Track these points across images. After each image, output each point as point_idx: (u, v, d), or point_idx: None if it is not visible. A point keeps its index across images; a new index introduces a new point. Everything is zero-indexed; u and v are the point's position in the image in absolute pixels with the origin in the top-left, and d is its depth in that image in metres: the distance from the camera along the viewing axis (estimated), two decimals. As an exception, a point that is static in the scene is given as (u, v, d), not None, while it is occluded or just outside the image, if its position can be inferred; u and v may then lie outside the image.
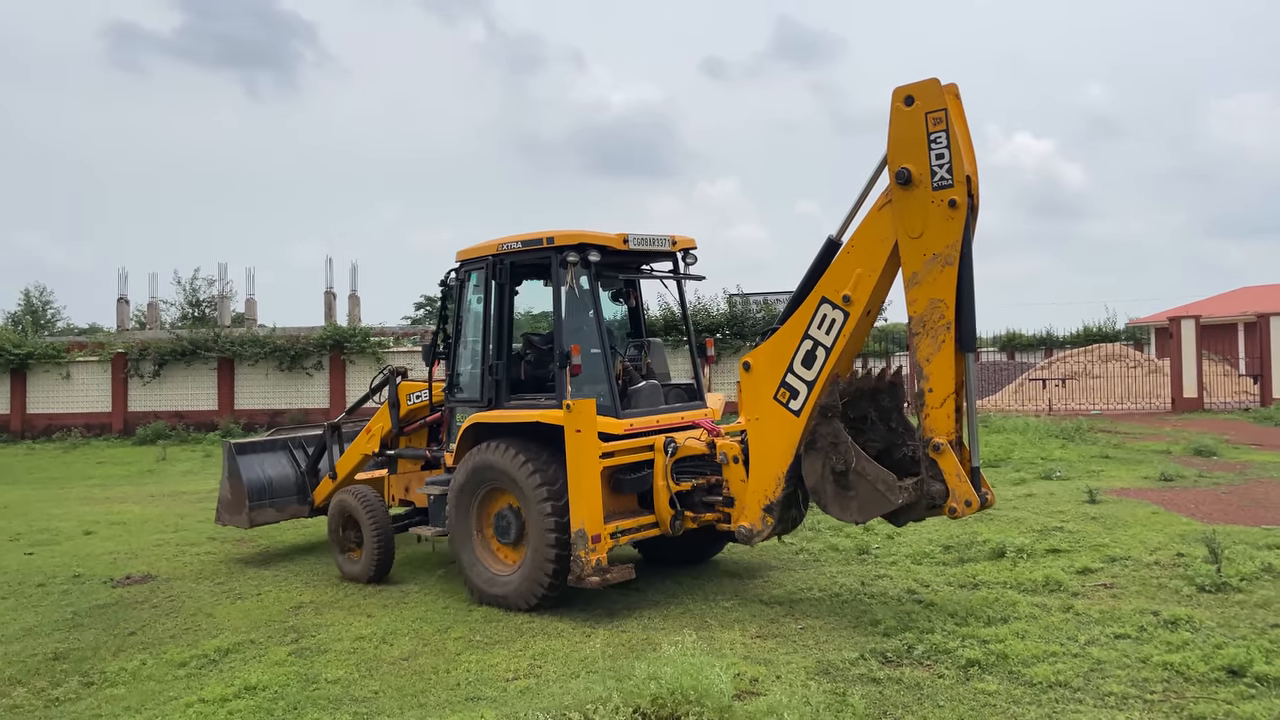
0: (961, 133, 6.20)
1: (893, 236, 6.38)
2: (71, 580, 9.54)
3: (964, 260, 6.16)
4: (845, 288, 6.57)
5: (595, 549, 6.96)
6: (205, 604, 8.37)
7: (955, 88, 6.29)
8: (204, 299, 47.88)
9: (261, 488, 10.20)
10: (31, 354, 26.57)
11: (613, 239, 7.82)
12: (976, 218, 6.33)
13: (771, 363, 6.97)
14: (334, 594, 8.42)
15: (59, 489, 17.81)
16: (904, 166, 6.25)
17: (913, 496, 6.33)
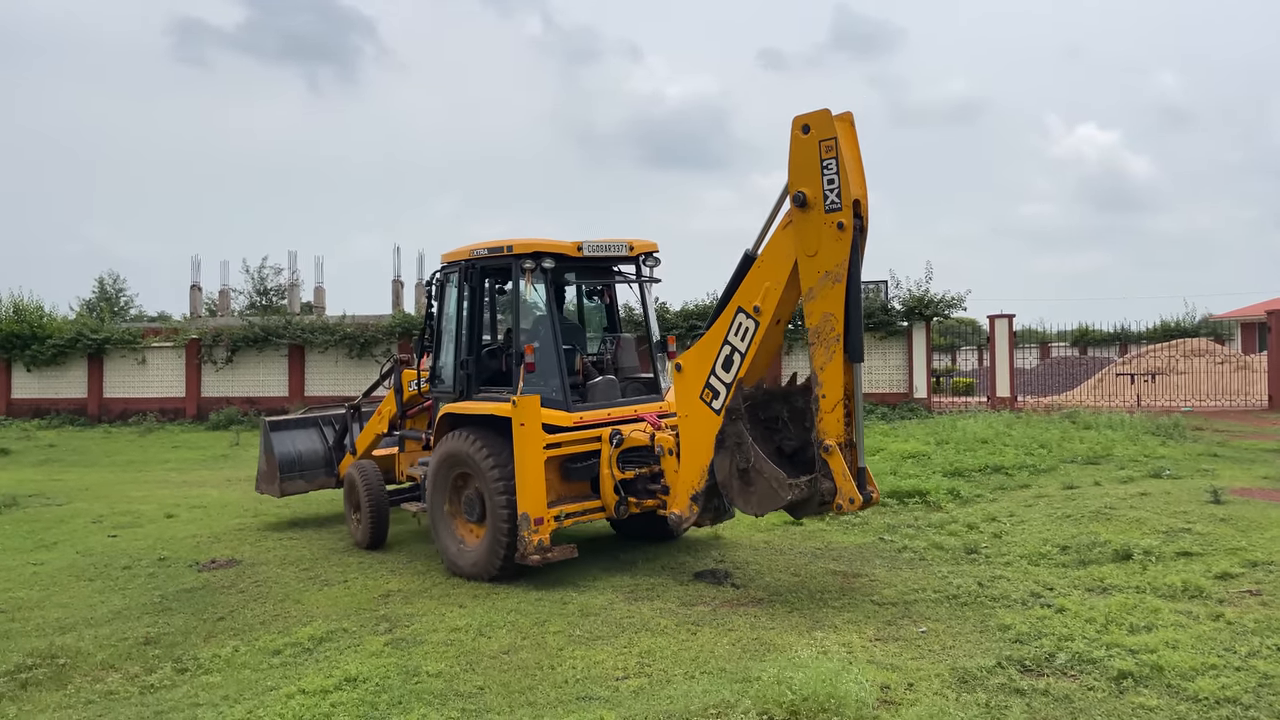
0: (851, 159, 6.64)
1: (794, 254, 6.87)
2: (157, 563, 9.49)
3: (852, 277, 6.63)
4: (756, 299, 7.13)
5: (538, 530, 7.68)
6: (293, 590, 8.22)
7: (850, 116, 6.73)
8: (271, 287, 48.49)
9: (292, 461, 11.16)
10: (109, 340, 27.02)
11: (567, 246, 8.53)
12: (865, 238, 6.73)
13: (698, 365, 7.48)
14: (421, 583, 8.21)
15: (137, 472, 18.00)
16: (800, 190, 6.77)
17: (805, 493, 6.79)
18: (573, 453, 8.23)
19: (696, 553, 8.73)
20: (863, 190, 6.69)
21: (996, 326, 21.74)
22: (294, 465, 11.19)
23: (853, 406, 6.80)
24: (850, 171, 6.60)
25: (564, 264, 8.66)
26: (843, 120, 6.70)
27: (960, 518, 9.53)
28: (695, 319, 22.96)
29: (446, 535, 8.59)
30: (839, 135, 6.60)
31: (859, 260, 6.67)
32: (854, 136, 6.74)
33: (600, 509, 8.28)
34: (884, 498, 10.49)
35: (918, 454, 13.94)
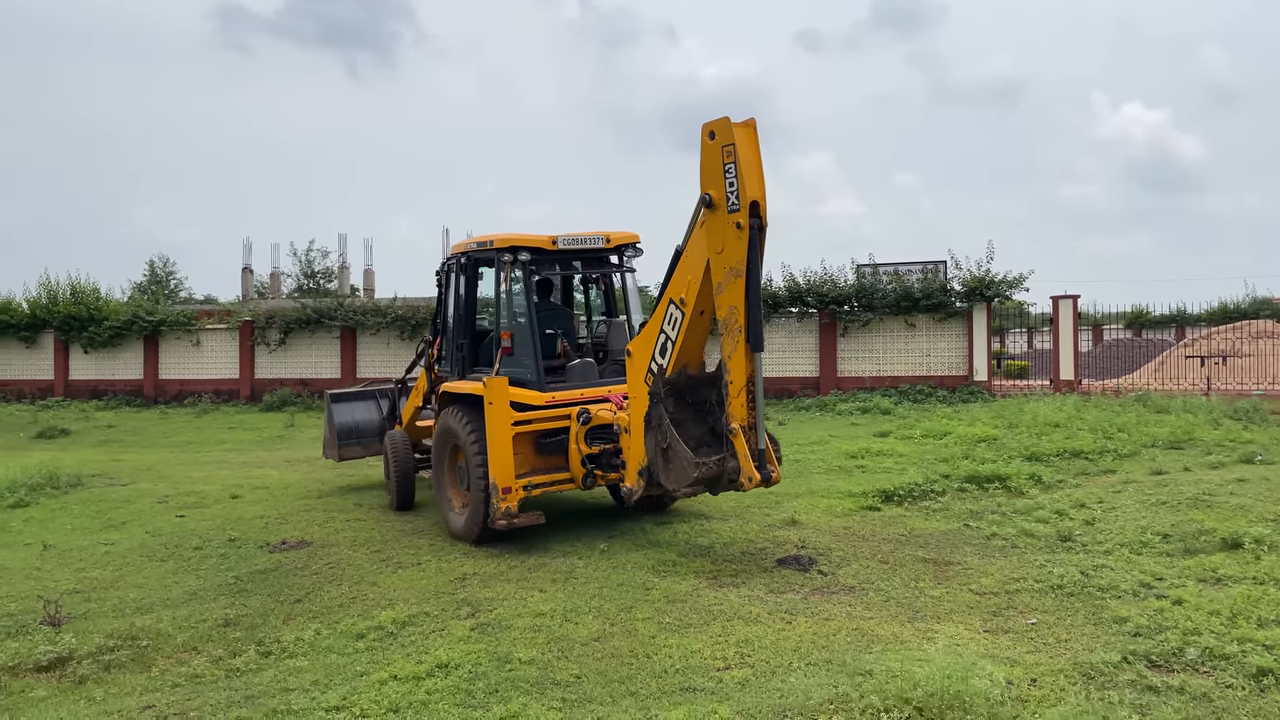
0: (749, 163, 7.01)
1: (707, 252, 7.32)
2: (227, 544, 9.44)
3: (751, 273, 7.04)
4: (682, 292, 7.66)
5: (505, 498, 8.44)
6: (367, 572, 8.12)
7: (752, 122, 7.16)
8: (318, 270, 48.85)
9: (350, 429, 12.23)
10: (164, 322, 27.30)
11: (543, 240, 9.27)
12: (764, 237, 7.11)
13: (643, 351, 8.03)
14: (495, 566, 8.07)
15: (195, 452, 18.12)
16: (707, 192, 7.21)
17: (714, 471, 7.27)
18: (545, 429, 8.97)
19: (775, 539, 8.51)
20: (760, 192, 7.05)
21: (1060, 308, 21.19)
22: (352, 433, 12.22)
23: (754, 392, 7.24)
24: (747, 175, 6.98)
25: (541, 256, 9.39)
26: (744, 127, 7.12)
27: (1046, 504, 9.20)
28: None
29: (444, 501, 9.58)
30: (737, 141, 7.01)
31: (757, 257, 7.09)
32: (754, 142, 7.12)
33: (570, 480, 8.96)
34: (962, 483, 10.20)
35: (987, 438, 13.60)
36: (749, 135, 7.12)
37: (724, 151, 7.09)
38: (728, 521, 9.27)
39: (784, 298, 22.42)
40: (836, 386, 21.98)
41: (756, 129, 7.16)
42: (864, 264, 22.71)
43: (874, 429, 16.46)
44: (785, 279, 22.52)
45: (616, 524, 9.37)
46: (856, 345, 22.26)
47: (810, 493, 10.52)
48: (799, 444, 14.73)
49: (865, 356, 22.16)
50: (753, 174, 7.04)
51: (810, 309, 22.37)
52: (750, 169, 7.03)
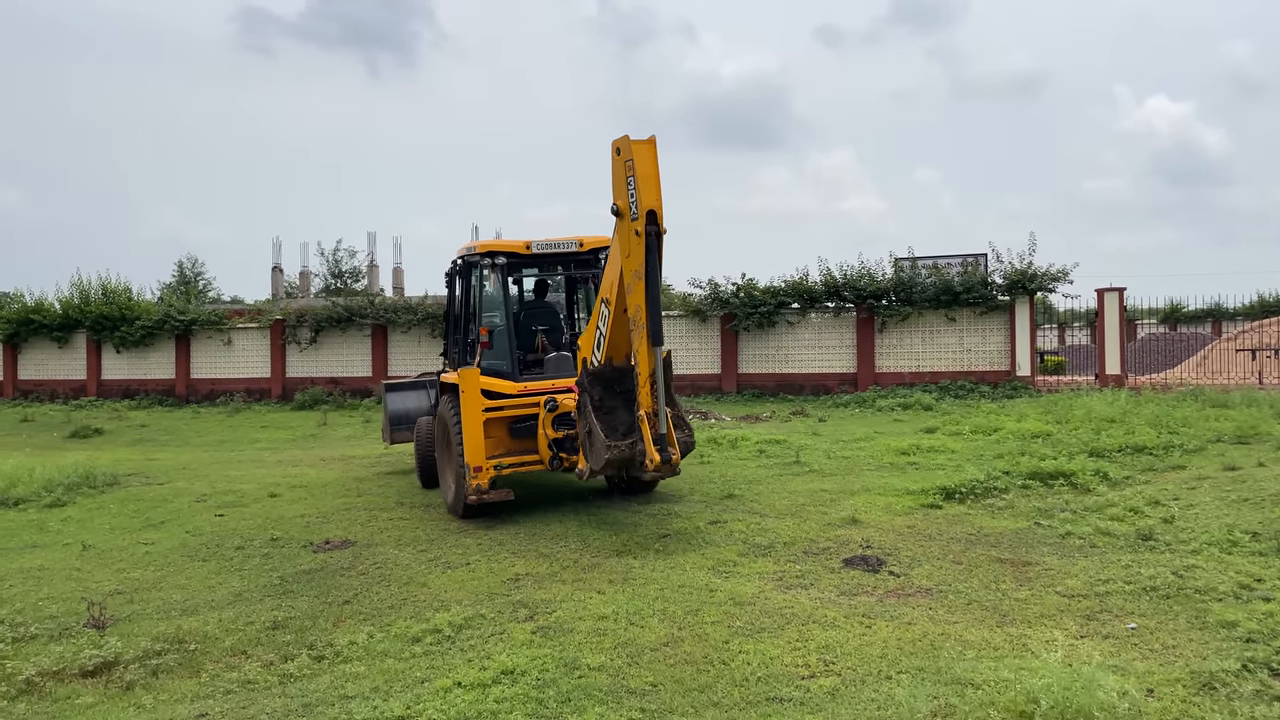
0: (645, 175, 7.72)
1: (620, 257, 8.03)
2: (270, 543, 9.23)
3: (650, 276, 7.77)
4: (607, 292, 8.43)
5: (476, 476, 9.26)
6: (416, 572, 7.87)
7: (652, 139, 7.89)
8: (345, 270, 48.87)
9: (400, 415, 13.10)
10: (195, 321, 27.26)
11: (518, 245, 10.24)
12: (661, 243, 7.83)
13: (586, 346, 8.90)
14: (548, 566, 7.80)
15: (229, 451, 18.00)
16: (615, 203, 8.02)
17: (625, 454, 8.03)
18: (518, 415, 9.83)
19: (837, 538, 8.18)
20: (656, 202, 7.74)
21: (1106, 300, 20.68)
22: (402, 419, 13.05)
23: (656, 382, 7.93)
24: (643, 186, 7.70)
25: (517, 261, 10.40)
26: (643, 144, 7.85)
27: (1118, 501, 8.82)
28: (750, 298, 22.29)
29: (443, 479, 10.55)
30: (635, 156, 7.74)
31: (655, 261, 7.79)
32: (652, 156, 7.83)
33: (539, 462, 9.77)
34: (1025, 479, 9.83)
35: (1041, 434, 13.20)
36: (647, 150, 7.86)
37: (626, 166, 7.81)
38: (784, 520, 8.95)
39: (820, 292, 22.04)
40: (875, 383, 21.58)
41: (655, 145, 7.91)
42: (902, 257, 22.30)
43: (919, 425, 16.08)
44: (822, 273, 22.15)
45: (668, 523, 9.08)
46: (895, 340, 21.84)
47: (865, 490, 10.18)
48: (843, 440, 14.38)
49: (904, 352, 21.75)
50: (648, 185, 7.75)
51: (847, 304, 21.97)
52: (647, 181, 7.75)
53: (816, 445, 13.75)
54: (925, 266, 21.87)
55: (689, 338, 23.48)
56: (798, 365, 22.57)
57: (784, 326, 22.55)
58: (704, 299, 22.86)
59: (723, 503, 9.90)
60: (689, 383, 22.85)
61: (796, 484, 10.79)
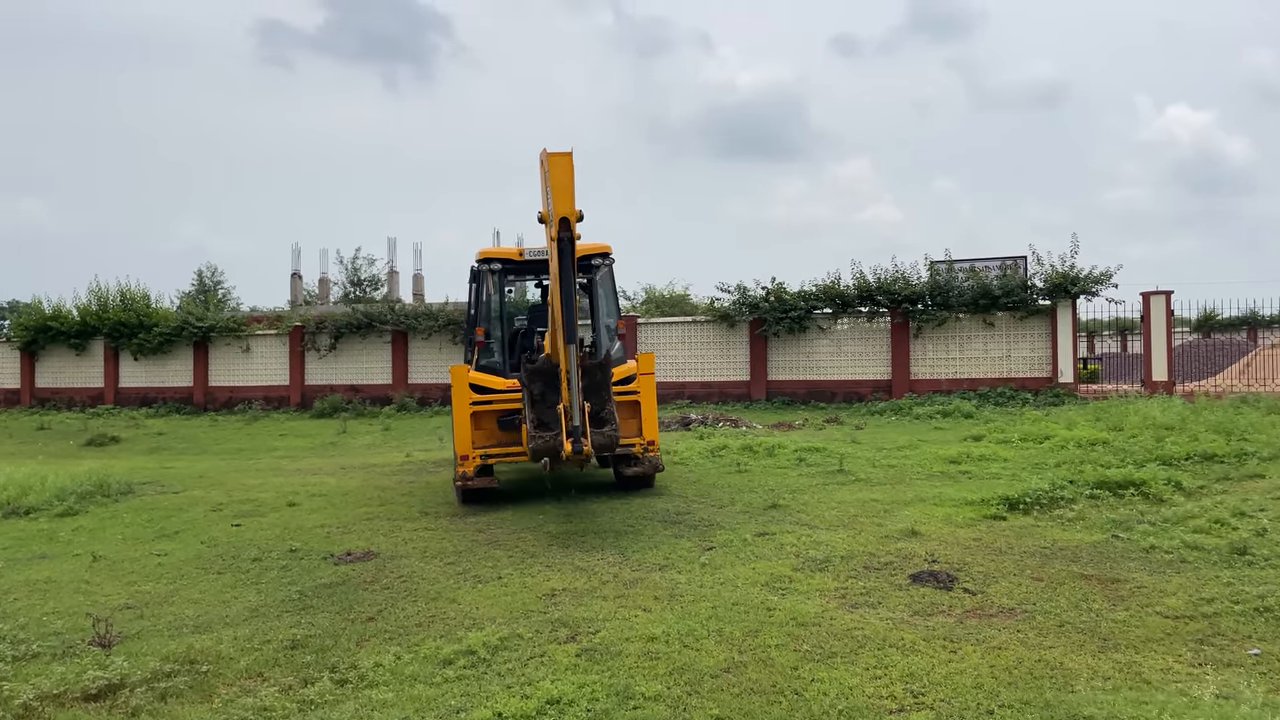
0: (559, 186, 8.16)
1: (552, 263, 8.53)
2: (288, 555, 8.71)
3: (563, 279, 8.28)
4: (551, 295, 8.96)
5: (463, 464, 9.98)
6: (444, 587, 7.31)
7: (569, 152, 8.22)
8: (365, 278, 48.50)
9: None
10: (213, 328, 26.93)
11: (513, 252, 11.28)
12: (574, 248, 8.29)
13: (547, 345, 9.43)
14: (586, 581, 7.22)
15: (247, 460, 17.56)
16: (540, 211, 8.69)
17: (550, 444, 8.67)
18: (506, 409, 10.36)
19: (898, 551, 7.57)
20: (569, 210, 8.17)
21: (1152, 304, 19.95)
22: None
23: (571, 378, 8.43)
24: (557, 195, 8.16)
25: (511, 266, 11.25)
26: (559, 155, 8.23)
27: (1197, 512, 8.17)
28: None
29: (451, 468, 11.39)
30: (551, 167, 8.24)
31: (567, 265, 8.27)
32: (567, 167, 8.19)
33: (523, 453, 9.99)
34: (1092, 489, 9.20)
35: (1097, 441, 12.55)
36: (562, 162, 8.23)
37: (546, 178, 8.37)
38: (836, 532, 8.35)
39: (853, 296, 21.44)
40: (910, 390, 20.93)
41: (572, 157, 8.26)
42: (938, 260, 21.64)
43: (962, 433, 15.43)
44: (854, 276, 21.54)
45: (711, 535, 8.50)
46: (931, 346, 21.19)
47: (920, 500, 9.56)
48: (884, 449, 13.76)
49: (940, 358, 21.10)
50: (562, 195, 8.18)
51: (881, 308, 21.35)
52: (561, 191, 8.18)
53: (858, 453, 13.14)
54: (962, 270, 21.23)
55: (716, 344, 22.92)
56: (829, 372, 21.95)
57: (815, 332, 21.96)
58: (733, 304, 22.28)
59: (768, 513, 9.32)
60: (716, 390, 22.27)
61: (844, 494, 10.18)
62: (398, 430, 21.25)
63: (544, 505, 10.33)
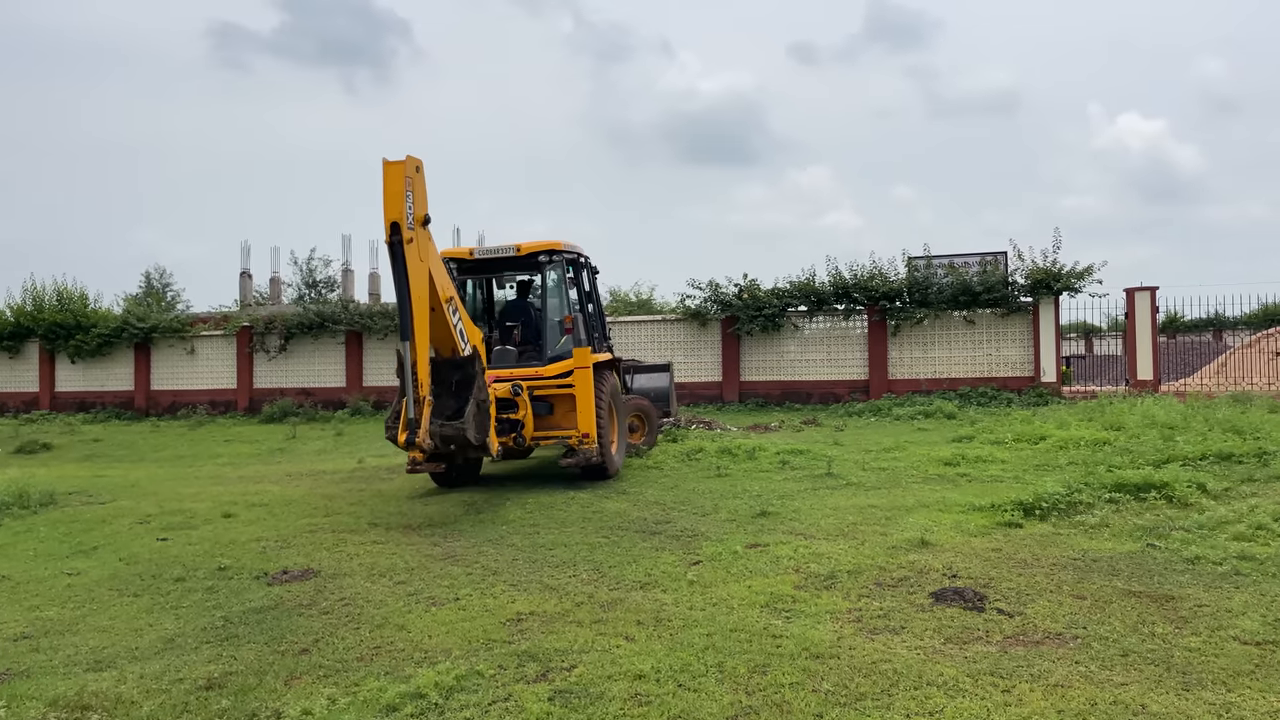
0: (390, 193, 8.67)
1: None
2: (216, 574, 7.64)
3: (396, 280, 8.73)
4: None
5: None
6: (392, 611, 6.30)
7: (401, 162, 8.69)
8: (320, 279, 47.07)
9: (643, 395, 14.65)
10: (156, 328, 25.54)
11: (464, 252, 11.78)
12: (402, 250, 8.67)
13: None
14: (557, 603, 6.26)
15: (187, 467, 16.37)
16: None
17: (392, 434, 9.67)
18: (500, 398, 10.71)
19: (910, 564, 6.68)
20: (398, 215, 8.66)
21: (1137, 301, 19.37)
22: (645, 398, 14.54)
23: (404, 373, 8.80)
24: (387, 202, 8.67)
25: (466, 265, 11.71)
26: (393, 164, 8.69)
27: (1232, 517, 7.39)
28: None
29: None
30: (385, 175, 8.67)
31: (400, 266, 8.68)
32: (396, 175, 8.66)
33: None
34: (1110, 492, 8.41)
35: (1096, 441, 11.81)
36: (393, 170, 8.69)
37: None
38: (836, 542, 7.46)
39: (828, 294, 20.64)
40: (888, 390, 20.17)
41: (402, 165, 8.70)
42: (916, 256, 20.92)
43: (948, 434, 14.66)
44: (830, 273, 20.75)
45: (696, 546, 7.57)
46: (909, 345, 20.46)
47: (922, 506, 8.71)
48: (870, 450, 12.94)
49: (919, 357, 20.37)
50: (392, 202, 8.66)
51: (857, 306, 20.57)
52: (391, 198, 8.67)
53: (844, 456, 12.29)
54: (940, 266, 20.51)
55: (687, 344, 22.02)
56: (805, 372, 21.14)
57: (790, 331, 21.14)
58: (704, 302, 21.40)
59: (757, 522, 8.41)
60: (687, 391, 21.34)
61: (837, 499, 9.30)
62: (351, 435, 20.11)
63: (508, 515, 9.36)
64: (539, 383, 11.05)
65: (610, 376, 11.91)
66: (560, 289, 11.81)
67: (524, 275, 12.19)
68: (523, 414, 10.77)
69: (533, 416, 10.94)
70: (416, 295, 8.77)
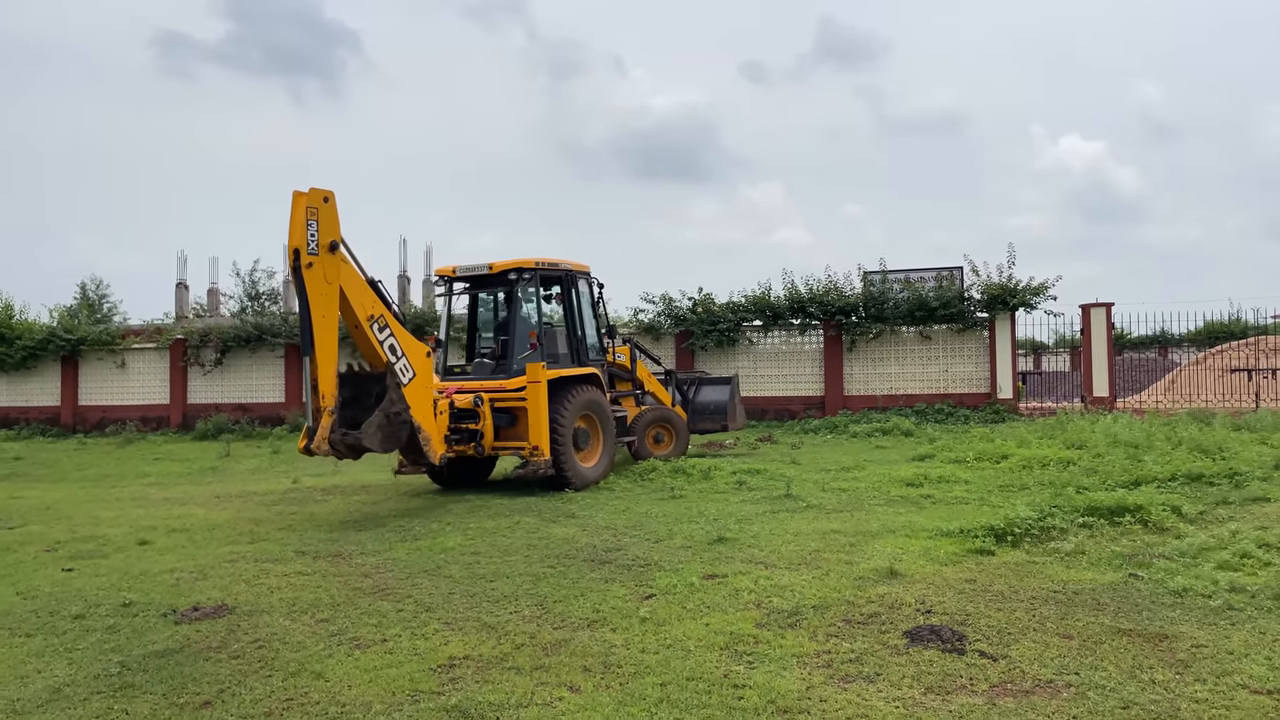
0: (293, 221, 9.44)
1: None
2: (120, 610, 6.91)
3: (299, 300, 9.60)
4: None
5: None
6: (310, 655, 5.64)
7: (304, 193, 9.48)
8: (264, 291, 45.85)
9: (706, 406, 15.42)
10: (84, 340, 24.39)
11: (449, 270, 12.61)
12: (300, 276, 9.45)
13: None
14: (494, 643, 5.65)
15: (110, 487, 15.44)
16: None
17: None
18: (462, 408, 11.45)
19: (880, 598, 6.18)
20: (299, 242, 9.40)
21: (1092, 317, 19.25)
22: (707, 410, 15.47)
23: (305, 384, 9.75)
24: (291, 230, 9.45)
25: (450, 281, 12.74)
26: (299, 195, 9.46)
27: (1214, 543, 7.02)
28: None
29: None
30: (292, 206, 9.44)
31: (302, 288, 9.48)
32: (299, 205, 9.43)
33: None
34: (1083, 516, 8.01)
35: (1060, 460, 11.50)
36: (296, 201, 9.44)
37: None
38: (799, 572, 6.94)
39: (784, 308, 20.26)
40: (844, 406, 19.82)
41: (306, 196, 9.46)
42: (872, 270, 20.60)
43: (906, 452, 14.29)
44: (786, 287, 20.38)
45: (649, 577, 7.01)
46: (865, 360, 20.14)
47: (888, 531, 8.24)
48: (829, 469, 12.50)
49: (875, 373, 20.05)
50: (295, 229, 9.40)
51: (813, 320, 20.21)
52: (295, 226, 9.41)
53: (803, 476, 11.82)
54: (896, 280, 20.23)
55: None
56: (760, 388, 20.71)
57: (744, 345, 20.73)
58: (657, 316, 20.90)
59: (714, 549, 7.87)
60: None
61: (798, 523, 8.80)
62: (288, 453, 19.22)
63: (447, 542, 8.71)
64: (501, 395, 11.53)
65: (586, 390, 12.09)
66: (534, 305, 12.56)
67: (501, 291, 12.74)
68: (482, 425, 11.33)
69: (494, 428, 11.51)
70: (317, 314, 9.51)
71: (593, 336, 13.06)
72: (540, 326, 12.35)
